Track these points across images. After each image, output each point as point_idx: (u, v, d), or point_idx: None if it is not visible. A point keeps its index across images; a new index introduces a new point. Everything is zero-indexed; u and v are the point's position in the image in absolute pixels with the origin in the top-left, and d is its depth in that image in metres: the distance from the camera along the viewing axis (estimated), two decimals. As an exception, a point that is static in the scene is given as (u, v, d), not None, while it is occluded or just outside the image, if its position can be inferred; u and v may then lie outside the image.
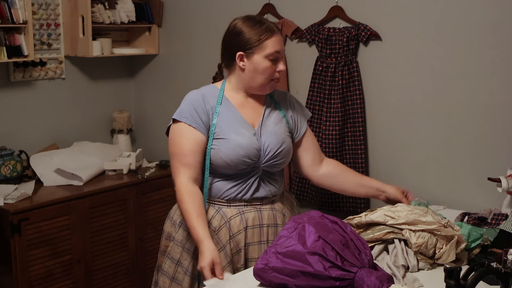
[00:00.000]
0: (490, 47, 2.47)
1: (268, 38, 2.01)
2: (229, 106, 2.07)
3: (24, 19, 3.01)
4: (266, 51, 2.01)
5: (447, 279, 1.33)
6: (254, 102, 2.12)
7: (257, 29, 2.02)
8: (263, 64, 2.02)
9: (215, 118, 2.03)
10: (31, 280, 2.86)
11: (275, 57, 2.03)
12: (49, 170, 3.16)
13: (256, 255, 2.04)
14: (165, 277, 2.12)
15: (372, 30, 2.77)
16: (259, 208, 2.05)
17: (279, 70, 2.05)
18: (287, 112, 2.16)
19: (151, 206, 3.37)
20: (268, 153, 2.04)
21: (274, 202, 2.10)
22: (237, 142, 1.99)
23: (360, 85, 2.83)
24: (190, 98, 2.06)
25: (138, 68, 3.90)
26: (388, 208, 1.94)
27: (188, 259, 2.06)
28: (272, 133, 2.07)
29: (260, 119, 2.09)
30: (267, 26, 2.03)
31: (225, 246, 2.00)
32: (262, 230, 2.05)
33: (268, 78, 2.04)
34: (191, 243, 2.04)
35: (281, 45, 2.05)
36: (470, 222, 2.26)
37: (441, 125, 2.65)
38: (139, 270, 3.35)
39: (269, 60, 2.02)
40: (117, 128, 3.73)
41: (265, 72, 2.03)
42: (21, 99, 3.34)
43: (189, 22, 3.56)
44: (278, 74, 2.06)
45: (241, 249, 2.01)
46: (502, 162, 2.43)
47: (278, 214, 2.10)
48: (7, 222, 2.77)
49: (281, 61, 2.05)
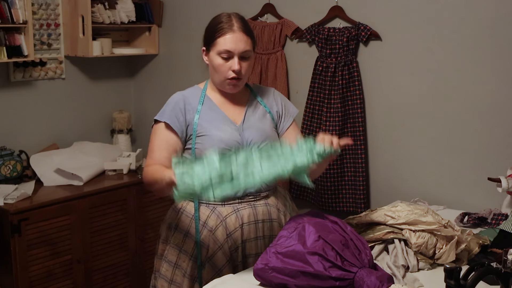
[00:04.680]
0: (490, 47, 2.47)
1: (221, 35, 1.99)
2: (211, 105, 2.08)
3: (24, 19, 3.01)
4: (217, 48, 2.00)
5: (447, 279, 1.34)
6: (235, 99, 2.11)
7: (215, 25, 2.03)
8: (216, 61, 2.01)
9: (196, 117, 2.04)
10: (31, 280, 2.86)
11: (227, 55, 1.99)
12: (49, 170, 3.16)
13: (254, 251, 2.04)
14: (163, 281, 2.11)
15: (372, 30, 2.77)
16: (253, 204, 2.05)
17: (232, 69, 1.99)
18: (271, 108, 2.14)
19: (151, 206, 3.37)
20: (251, 147, 2.00)
21: (267, 197, 2.09)
22: (218, 137, 2.00)
23: (360, 85, 2.83)
24: (172, 99, 2.10)
25: (138, 68, 3.90)
26: (388, 208, 1.94)
27: (186, 261, 2.05)
28: (256, 128, 2.06)
29: (242, 116, 2.08)
30: (224, 23, 2.01)
31: (223, 245, 2.00)
32: (257, 226, 2.05)
33: (223, 76, 2.01)
34: (188, 245, 2.05)
35: (236, 45, 1.97)
36: (470, 222, 2.27)
37: (441, 125, 2.65)
38: (139, 270, 3.35)
39: (221, 58, 2.00)
40: (117, 128, 3.73)
41: (219, 70, 2.01)
42: (21, 99, 3.34)
43: (189, 22, 3.56)
44: (232, 74, 1.99)
45: (239, 246, 2.02)
46: (502, 162, 2.43)
47: (273, 209, 2.09)
48: (7, 222, 2.77)
49: (236, 60, 1.97)
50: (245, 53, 2.00)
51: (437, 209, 2.48)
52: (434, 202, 2.61)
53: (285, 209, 2.14)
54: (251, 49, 2.03)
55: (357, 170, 2.86)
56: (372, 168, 2.89)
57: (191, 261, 2.04)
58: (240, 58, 2.00)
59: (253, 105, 2.13)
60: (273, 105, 2.15)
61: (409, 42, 2.69)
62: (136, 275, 3.34)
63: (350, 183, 2.89)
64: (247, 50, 2.00)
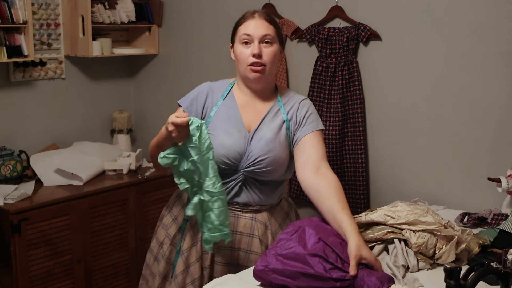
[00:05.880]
0: (490, 47, 2.47)
1: (242, 23, 2.01)
2: (232, 104, 2.04)
3: (24, 19, 3.01)
4: (238, 36, 2.00)
5: (447, 279, 1.33)
6: (259, 103, 2.05)
7: (239, 19, 2.04)
8: (238, 50, 2.00)
9: (214, 110, 2.02)
10: (31, 280, 2.86)
11: (245, 39, 1.97)
12: (49, 170, 3.17)
13: (225, 260, 1.99)
14: (150, 254, 2.21)
15: (372, 30, 2.77)
16: (237, 214, 2.00)
17: (252, 53, 1.96)
18: (291, 116, 2.03)
19: (151, 206, 3.37)
20: (250, 158, 1.96)
21: (258, 212, 2.02)
22: (221, 141, 1.96)
23: (360, 85, 2.83)
24: (198, 88, 2.09)
25: (138, 68, 3.90)
26: (388, 208, 1.94)
27: (167, 244, 2.09)
28: (263, 140, 1.97)
29: (257, 123, 2.01)
30: (247, 14, 2.02)
31: (197, 242, 2.01)
32: (234, 237, 1.98)
33: (245, 64, 1.98)
34: (173, 229, 2.09)
35: (255, 29, 1.96)
36: (470, 222, 2.27)
37: (441, 125, 2.65)
38: (139, 270, 3.33)
39: (242, 44, 1.99)
40: (117, 128, 3.73)
41: (241, 58, 1.99)
42: (21, 99, 3.34)
43: (189, 22, 3.56)
44: (253, 59, 1.95)
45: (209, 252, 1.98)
46: (502, 162, 2.43)
47: (259, 225, 2.01)
48: (7, 222, 2.78)
49: (257, 44, 1.96)
50: (265, 37, 1.97)
51: (437, 209, 2.48)
52: (434, 202, 2.61)
53: (278, 227, 2.07)
54: (274, 35, 1.99)
55: (357, 170, 2.86)
56: (372, 168, 2.89)
57: (171, 246, 2.08)
58: (262, 44, 1.97)
59: (273, 113, 2.04)
60: (294, 114, 2.03)
61: (409, 42, 2.69)
62: (136, 275, 3.33)
63: (350, 183, 2.89)
64: (268, 34, 1.98)
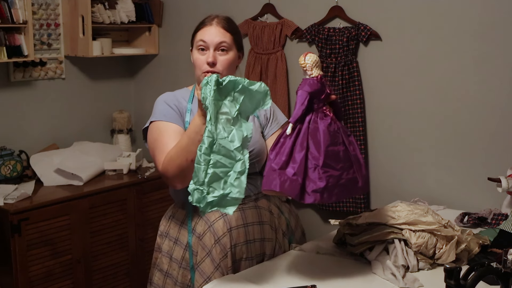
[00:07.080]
0: (490, 47, 2.47)
1: (200, 29, 2.00)
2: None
3: (24, 19, 3.01)
4: (195, 41, 2.00)
5: (447, 279, 1.33)
6: None
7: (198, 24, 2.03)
8: (195, 56, 1.99)
9: (187, 115, 2.01)
10: (31, 280, 2.86)
11: (201, 46, 1.96)
12: (49, 170, 3.16)
13: (244, 255, 1.97)
14: None
15: (372, 30, 2.77)
16: (241, 207, 1.98)
17: (207, 61, 1.94)
18: (259, 111, 2.08)
19: (151, 206, 3.37)
20: None
21: (257, 200, 2.04)
22: None
23: (360, 85, 2.83)
24: (162, 98, 2.06)
25: (138, 68, 3.90)
26: (388, 208, 1.94)
27: (176, 269, 2.02)
28: None
29: None
30: (206, 20, 2.01)
31: (210, 251, 1.94)
32: (247, 229, 1.98)
33: (200, 70, 1.97)
34: (178, 253, 2.02)
35: (211, 37, 1.95)
36: (470, 222, 2.27)
37: (441, 125, 2.65)
38: (139, 270, 3.35)
39: (198, 50, 1.98)
40: (117, 128, 3.73)
41: (196, 63, 1.98)
42: (21, 99, 3.34)
43: (189, 22, 3.53)
44: (207, 66, 1.94)
45: (228, 252, 1.93)
46: (502, 162, 2.44)
47: (263, 211, 2.03)
48: (7, 222, 2.77)
49: (211, 53, 1.94)
50: (221, 45, 1.95)
51: (437, 209, 2.48)
52: (434, 202, 2.61)
53: (279, 211, 2.09)
54: (230, 43, 1.97)
55: (357, 170, 2.86)
56: (372, 168, 2.89)
57: (181, 269, 2.00)
58: (217, 51, 1.96)
59: None
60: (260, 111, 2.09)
61: (409, 42, 2.69)
62: (136, 275, 3.34)
63: (350, 183, 2.89)
64: (224, 41, 1.96)
